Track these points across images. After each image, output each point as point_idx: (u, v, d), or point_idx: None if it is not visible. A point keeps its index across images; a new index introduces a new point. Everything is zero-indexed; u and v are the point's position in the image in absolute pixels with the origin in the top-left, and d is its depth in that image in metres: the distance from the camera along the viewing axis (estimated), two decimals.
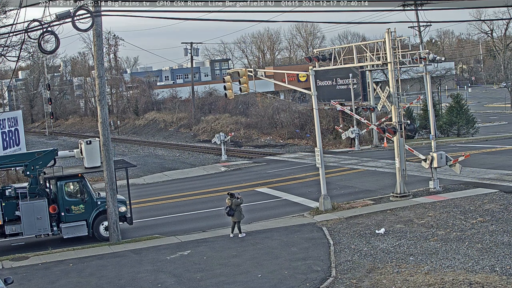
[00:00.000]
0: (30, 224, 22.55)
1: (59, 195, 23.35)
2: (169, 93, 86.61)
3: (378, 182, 31.31)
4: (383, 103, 28.09)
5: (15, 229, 22.64)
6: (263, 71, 29.92)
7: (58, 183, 23.42)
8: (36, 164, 23.11)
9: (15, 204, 22.93)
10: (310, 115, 46.25)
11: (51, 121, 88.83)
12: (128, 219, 24.32)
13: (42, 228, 22.72)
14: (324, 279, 16.21)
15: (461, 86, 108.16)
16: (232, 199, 21.79)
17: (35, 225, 22.60)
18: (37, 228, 22.67)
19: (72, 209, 23.28)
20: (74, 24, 17.33)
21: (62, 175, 23.52)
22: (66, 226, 23.23)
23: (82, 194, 23.55)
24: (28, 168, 23.09)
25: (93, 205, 23.68)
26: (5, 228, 22.55)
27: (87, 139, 24.78)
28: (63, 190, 23.37)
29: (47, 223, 22.79)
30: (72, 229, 23.27)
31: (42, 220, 22.55)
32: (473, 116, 53.03)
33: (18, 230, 22.64)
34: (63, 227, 23.21)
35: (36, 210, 22.57)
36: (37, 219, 22.57)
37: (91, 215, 23.54)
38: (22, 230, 22.62)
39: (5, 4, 32.64)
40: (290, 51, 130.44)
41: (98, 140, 24.33)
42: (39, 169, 23.18)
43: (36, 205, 22.66)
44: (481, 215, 21.79)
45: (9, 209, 22.86)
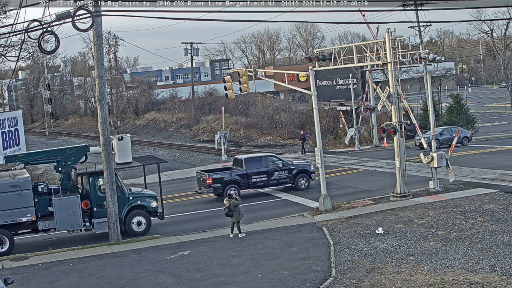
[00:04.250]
0: (63, 220, 22.81)
1: (92, 190, 23.63)
2: (169, 93, 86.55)
3: (378, 182, 31.30)
4: (383, 103, 28.10)
5: (48, 225, 22.91)
6: (263, 71, 29.98)
7: (91, 179, 23.69)
8: (68, 160, 23.39)
9: (47, 200, 23.18)
10: (310, 115, 46.24)
11: (51, 121, 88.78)
12: (159, 214, 24.56)
13: (75, 224, 23.00)
14: (324, 279, 16.21)
15: (461, 86, 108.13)
16: (230, 200, 21.83)
17: (67, 221, 22.86)
18: (69, 223, 22.94)
19: (104, 204, 23.42)
20: (74, 24, 17.33)
21: (94, 171, 23.70)
22: (98, 221, 23.47)
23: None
24: (60, 164, 23.44)
25: (125, 200, 23.94)
26: (38, 224, 22.79)
27: (119, 135, 25.14)
28: (95, 186, 23.60)
29: (80, 218, 23.06)
30: (104, 224, 23.41)
31: (75, 215, 22.79)
32: (473, 116, 53.02)
33: (51, 225, 22.92)
34: (95, 223, 23.47)
35: (69, 206, 22.80)
36: (69, 215, 22.83)
37: (122, 211, 23.77)
38: (55, 226, 22.92)
39: (5, 4, 32.61)
40: (290, 51, 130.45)
41: (129, 136, 24.85)
42: (71, 165, 23.49)
43: (69, 201, 22.90)
44: (481, 215, 21.79)
45: (42, 205, 23.05)
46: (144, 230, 24.01)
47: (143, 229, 24.00)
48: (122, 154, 24.68)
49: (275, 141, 58.67)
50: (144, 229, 24.01)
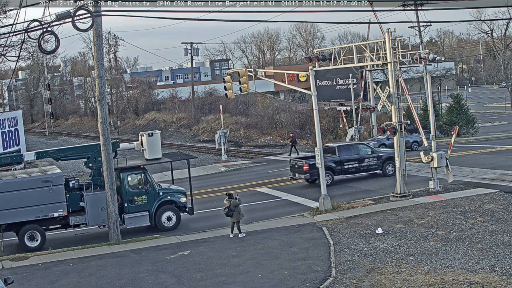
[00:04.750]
0: (94, 215, 23.14)
1: (123, 186, 23.89)
2: (169, 93, 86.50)
3: (378, 182, 31.30)
4: (383, 103, 28.09)
5: (79, 220, 23.23)
6: (263, 71, 30.00)
7: (121, 175, 23.95)
8: (98, 156, 23.57)
9: (79, 195, 23.49)
10: (310, 115, 46.21)
11: (51, 121, 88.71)
12: (189, 209, 24.84)
13: (106, 219, 23.13)
14: (324, 279, 16.22)
15: (461, 86, 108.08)
16: (231, 200, 21.83)
17: (99, 216, 23.11)
18: (101, 218, 23.20)
19: (135, 200, 23.85)
20: (74, 24, 17.34)
21: (126, 167, 24.04)
22: (129, 216, 23.78)
23: (145, 185, 24.06)
24: (90, 160, 23.80)
25: (155, 196, 24.23)
26: (70, 219, 23.05)
27: (149, 132, 25.45)
28: (126, 181, 23.91)
29: None
30: (135, 219, 23.81)
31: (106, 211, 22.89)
32: (473, 116, 52.96)
33: (82, 220, 23.23)
34: (126, 218, 23.73)
35: (100, 201, 23.01)
36: (101, 210, 23.04)
37: (153, 206, 24.07)
38: (87, 221, 23.20)
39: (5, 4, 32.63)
40: (290, 51, 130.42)
41: (159, 133, 25.20)
42: (101, 161, 23.59)
43: (100, 196, 23.11)
44: (481, 215, 21.79)
45: (73, 200, 23.33)
46: (174, 225, 24.33)
47: (172, 224, 24.33)
48: (151, 150, 25.04)
49: (275, 141, 58.66)
50: (173, 224, 24.33)
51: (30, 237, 22.55)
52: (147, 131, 25.59)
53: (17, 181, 22.39)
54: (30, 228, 22.51)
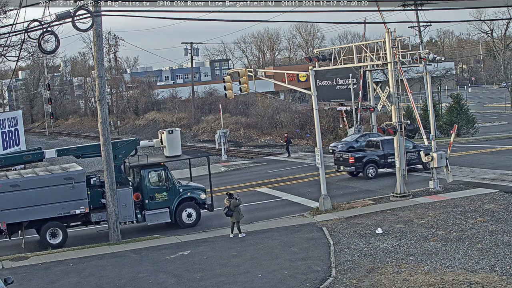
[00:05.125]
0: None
1: (143, 183, 24.09)
2: (169, 93, 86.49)
3: (378, 182, 31.29)
4: (383, 103, 28.09)
5: (100, 217, 23.29)
6: (263, 71, 29.96)
7: (142, 172, 24.14)
8: (119, 153, 23.83)
9: (100, 192, 23.56)
10: (310, 115, 46.20)
11: (51, 121, 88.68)
12: (209, 206, 25.10)
13: (127, 216, 23.48)
14: (324, 279, 16.22)
15: (461, 86, 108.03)
16: (231, 200, 21.83)
17: (120, 213, 23.15)
18: (122, 215, 23.34)
19: (156, 196, 24.06)
20: (74, 24, 17.32)
21: (146, 164, 24.23)
22: (150, 213, 24.01)
23: (166, 182, 24.22)
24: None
25: (176, 192, 24.46)
26: (91, 216, 23.15)
27: (169, 129, 25.76)
28: (147, 178, 24.08)
29: (132, 210, 23.55)
30: (156, 216, 24.03)
31: (127, 207, 23.21)
32: (473, 116, 52.94)
33: (103, 217, 23.27)
34: (147, 214, 23.92)
35: (121, 198, 23.19)
36: (122, 207, 23.20)
37: (173, 203, 24.30)
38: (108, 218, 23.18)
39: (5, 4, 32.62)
40: (290, 51, 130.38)
41: (179, 130, 25.59)
42: (122, 158, 23.94)
43: (121, 193, 23.28)
44: (481, 215, 21.79)
45: (95, 197, 23.45)
46: (194, 222, 24.56)
47: (193, 221, 24.54)
48: (172, 148, 25.39)
49: (275, 141, 58.67)
50: (194, 221, 24.55)
51: (52, 234, 22.74)
52: (167, 129, 25.92)
53: (39, 178, 22.54)
54: (52, 225, 22.67)
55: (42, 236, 22.68)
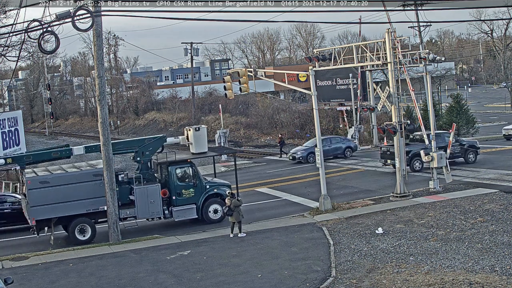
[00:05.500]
0: (143, 208, 23.54)
1: (171, 179, 24.39)
2: (169, 93, 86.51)
3: (378, 182, 31.30)
4: (383, 103, 28.09)
5: (129, 213, 23.61)
6: (263, 71, 30.00)
7: (170, 168, 24.37)
8: (146, 150, 24.30)
9: (128, 189, 23.82)
10: (310, 115, 46.23)
11: (51, 121, 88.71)
12: None
13: (155, 212, 23.75)
14: (324, 279, 16.21)
15: (461, 86, 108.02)
16: (232, 199, 21.84)
17: (148, 209, 23.56)
18: (150, 211, 23.67)
19: (183, 193, 24.41)
20: (74, 24, 17.32)
21: (174, 160, 24.54)
22: (177, 209, 24.30)
23: (193, 179, 24.49)
24: (138, 153, 24.32)
25: (202, 189, 24.75)
26: (120, 212, 23.26)
27: (196, 126, 26.00)
28: (175, 175, 24.37)
29: (160, 206, 23.78)
30: (183, 212, 24.35)
31: (155, 204, 23.45)
32: (473, 116, 52.91)
33: (132, 213, 23.61)
34: (174, 211, 24.22)
35: (149, 194, 23.52)
36: (150, 203, 23.49)
37: (200, 199, 24.57)
38: (136, 214, 23.60)
39: (5, 4, 32.60)
40: (290, 51, 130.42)
41: (205, 127, 25.78)
42: (149, 155, 24.28)
43: (149, 190, 23.61)
44: (481, 215, 21.79)
45: (123, 194, 23.67)
46: (220, 218, 24.76)
47: (219, 217, 24.80)
48: (198, 144, 25.69)
49: (275, 141, 58.68)
50: (220, 217, 24.78)
51: (81, 230, 23.00)
52: (194, 126, 26.14)
53: (69, 175, 22.81)
54: (81, 221, 22.94)
55: (70, 233, 22.95)
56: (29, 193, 22.16)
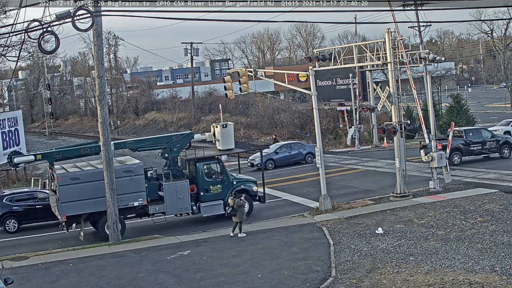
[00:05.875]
0: (172, 204, 23.90)
1: (199, 175, 24.71)
2: (169, 93, 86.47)
3: (378, 182, 31.30)
4: (383, 103, 28.09)
5: (158, 209, 23.91)
6: (263, 71, 30.01)
7: (198, 164, 24.67)
8: (174, 146, 24.64)
9: (157, 185, 24.23)
10: (310, 115, 46.19)
11: (51, 121, 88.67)
12: (261, 198, 25.85)
13: (183, 208, 24.11)
14: (324, 279, 16.22)
15: (461, 86, 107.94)
16: (235, 199, 21.86)
17: (177, 205, 23.88)
18: (178, 207, 23.98)
19: (210, 189, 24.75)
20: (74, 24, 17.32)
21: (202, 157, 24.82)
22: (205, 205, 24.59)
23: (220, 175, 24.98)
24: (166, 150, 24.62)
25: (229, 185, 25.12)
26: (149, 208, 23.64)
27: (223, 123, 26.29)
28: (202, 171, 24.69)
29: (188, 202, 24.11)
30: (211, 208, 24.65)
31: (184, 199, 23.75)
32: (473, 116, 52.89)
33: (161, 209, 23.90)
34: (202, 206, 24.50)
35: (178, 190, 23.86)
36: (179, 199, 23.81)
37: (227, 195, 24.62)
38: (165, 210, 23.89)
39: (5, 4, 32.63)
40: (290, 51, 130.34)
41: (232, 124, 26.20)
42: (176, 151, 24.61)
43: (178, 186, 23.94)
44: (481, 215, 21.79)
45: (152, 190, 24.00)
46: (247, 213, 24.85)
47: (246, 212, 24.69)
48: (225, 141, 25.88)
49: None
50: (246, 212, 24.84)
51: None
52: (221, 123, 26.47)
53: (99, 171, 22.86)
54: None
55: (100, 228, 23.16)
56: (60, 189, 22.40)
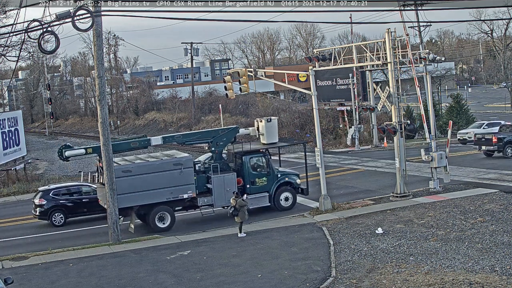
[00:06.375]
0: (220, 196, 24.50)
1: (245, 168, 25.36)
2: (169, 93, 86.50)
3: (378, 182, 31.29)
4: (383, 103, 28.09)
5: (206, 201, 24.39)
6: (263, 71, 29.98)
7: (244, 158, 25.22)
8: (220, 140, 25.46)
9: (205, 178, 24.93)
10: (310, 115, 46.20)
11: (51, 121, 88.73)
12: (304, 190, 26.48)
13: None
14: (324, 279, 16.22)
15: (461, 86, 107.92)
16: (237, 199, 21.87)
17: (224, 197, 24.36)
18: (226, 199, 24.30)
19: (256, 181, 25.39)
20: (74, 24, 17.31)
21: (249, 150, 25.66)
22: (251, 197, 24.85)
23: (266, 168, 25.62)
24: (213, 144, 25.25)
25: (274, 177, 25.76)
26: (198, 200, 24.14)
27: (267, 117, 26.97)
28: (249, 164, 25.36)
29: None
30: (257, 200, 25.31)
31: (231, 192, 23.88)
32: (473, 116, 52.94)
33: (209, 201, 24.43)
34: (248, 199, 24.49)
35: (226, 183, 24.53)
36: (226, 191, 24.24)
37: (272, 187, 25.57)
38: (213, 202, 24.41)
39: (5, 4, 32.64)
40: (290, 51, 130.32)
41: (276, 119, 26.85)
42: (223, 145, 25.29)
43: (226, 178, 24.64)
44: (481, 215, 21.78)
45: (201, 182, 24.72)
46: (291, 205, 25.85)
47: (289, 204, 25.76)
48: (269, 135, 26.45)
49: None
50: (290, 204, 25.86)
51: (160, 218, 23.79)
52: (265, 117, 27.10)
53: (150, 164, 23.50)
54: (161, 209, 23.75)
55: (151, 220, 23.63)
56: None
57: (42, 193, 26.96)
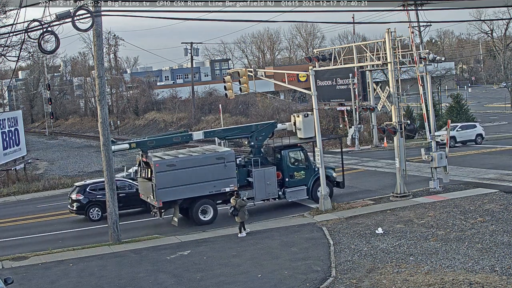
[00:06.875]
0: (261, 189, 25.20)
1: (284, 162, 26.00)
2: (169, 93, 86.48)
3: (378, 182, 31.30)
4: (383, 103, 28.09)
5: (247, 194, 24.69)
6: (263, 71, 30.01)
7: (283, 152, 26.08)
8: (259, 135, 26.15)
9: (246, 171, 25.49)
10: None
11: (51, 121, 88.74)
12: (340, 183, 27.39)
13: (271, 193, 25.36)
14: (324, 279, 16.22)
15: (461, 86, 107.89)
16: (237, 199, 21.87)
17: (265, 190, 25.26)
18: (266, 192, 25.14)
19: (295, 175, 26.03)
20: (74, 24, 17.31)
21: (288, 144, 26.34)
22: (290, 190, 25.86)
23: (304, 162, 26.27)
24: (252, 138, 25.78)
25: (312, 171, 26.28)
26: (240, 193, 24.09)
27: (305, 112, 27.76)
28: (288, 158, 26.02)
29: (275, 188, 25.33)
30: (295, 193, 26.01)
31: (271, 185, 24.81)
32: (473, 116, 52.91)
33: (250, 195, 24.83)
34: (287, 192, 25.81)
35: (267, 176, 25.23)
36: (267, 185, 24.90)
37: (309, 181, 26.20)
38: (254, 195, 24.89)
39: (5, 4, 32.64)
40: (290, 51, 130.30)
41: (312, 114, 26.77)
42: (261, 140, 25.85)
43: (267, 172, 25.31)
44: (481, 215, 21.78)
45: (242, 176, 25.34)
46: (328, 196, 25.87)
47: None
48: (306, 130, 27.03)
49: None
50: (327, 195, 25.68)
51: (202, 211, 24.38)
52: (302, 112, 27.77)
53: (194, 158, 23.95)
54: (204, 202, 24.33)
55: (194, 213, 24.07)
56: (157, 175, 23.27)
57: (79, 188, 27.47)
